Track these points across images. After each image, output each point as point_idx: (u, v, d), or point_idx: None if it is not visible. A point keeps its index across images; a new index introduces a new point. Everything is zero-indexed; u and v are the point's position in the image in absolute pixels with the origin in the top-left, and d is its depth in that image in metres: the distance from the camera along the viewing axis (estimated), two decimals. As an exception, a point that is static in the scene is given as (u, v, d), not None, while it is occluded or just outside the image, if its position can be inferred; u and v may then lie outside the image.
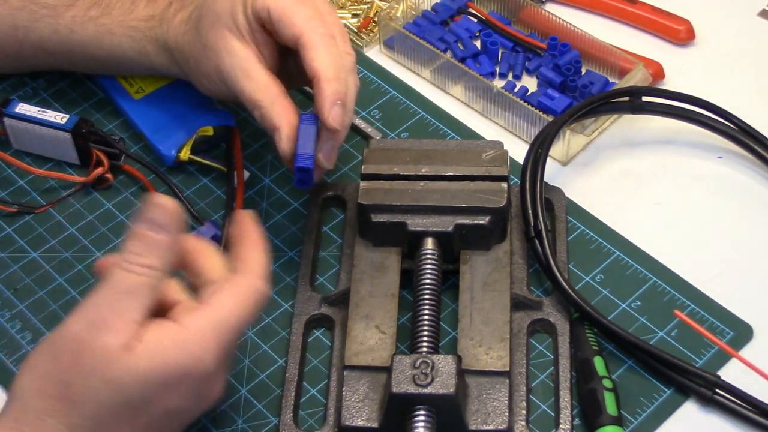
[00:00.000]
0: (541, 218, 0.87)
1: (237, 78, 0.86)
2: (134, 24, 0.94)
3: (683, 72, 1.03)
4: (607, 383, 0.81)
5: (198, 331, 0.70)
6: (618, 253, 0.90)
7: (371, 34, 1.08)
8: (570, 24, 1.03)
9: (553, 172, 0.96)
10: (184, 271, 0.76)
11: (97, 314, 0.69)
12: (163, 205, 0.71)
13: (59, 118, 0.96)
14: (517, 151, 0.95)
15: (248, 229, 0.76)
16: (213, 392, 0.74)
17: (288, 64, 0.90)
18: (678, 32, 1.06)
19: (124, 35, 0.95)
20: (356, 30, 1.08)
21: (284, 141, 0.84)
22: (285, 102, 0.85)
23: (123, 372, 0.68)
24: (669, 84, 1.02)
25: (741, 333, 0.85)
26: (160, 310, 0.72)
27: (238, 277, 0.74)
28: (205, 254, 0.76)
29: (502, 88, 0.99)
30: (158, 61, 0.95)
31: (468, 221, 0.85)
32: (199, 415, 0.75)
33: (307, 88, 0.99)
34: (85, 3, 0.96)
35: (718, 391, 0.81)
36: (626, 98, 0.96)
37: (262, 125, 0.86)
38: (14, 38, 0.98)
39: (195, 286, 0.76)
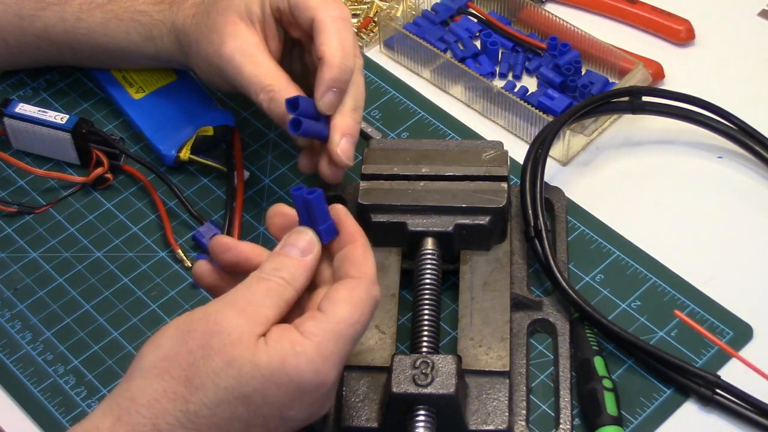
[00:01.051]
0: (541, 218, 0.87)
1: (241, 63, 0.86)
2: (142, 8, 0.95)
3: (683, 72, 1.03)
4: (607, 383, 0.81)
5: (318, 342, 0.68)
6: (618, 253, 0.90)
7: (371, 34, 1.08)
8: (570, 24, 1.03)
9: (553, 172, 0.96)
10: None
11: (234, 300, 0.70)
12: (304, 231, 0.73)
13: (59, 118, 0.96)
14: (517, 151, 0.95)
15: (353, 231, 0.74)
16: (326, 405, 0.72)
17: (293, 64, 0.90)
18: (678, 32, 1.06)
19: (131, 20, 0.95)
20: (356, 30, 1.08)
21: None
22: (297, 88, 0.85)
23: (245, 360, 0.67)
24: (669, 84, 1.02)
25: (741, 333, 0.85)
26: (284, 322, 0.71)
27: (353, 284, 0.71)
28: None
29: (502, 88, 0.99)
30: (163, 46, 0.95)
31: (468, 221, 0.85)
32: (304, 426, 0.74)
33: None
34: None
35: (718, 391, 0.81)
36: (626, 98, 0.96)
37: (269, 112, 0.86)
38: (18, 27, 0.97)
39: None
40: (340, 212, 0.74)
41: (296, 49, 0.92)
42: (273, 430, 0.70)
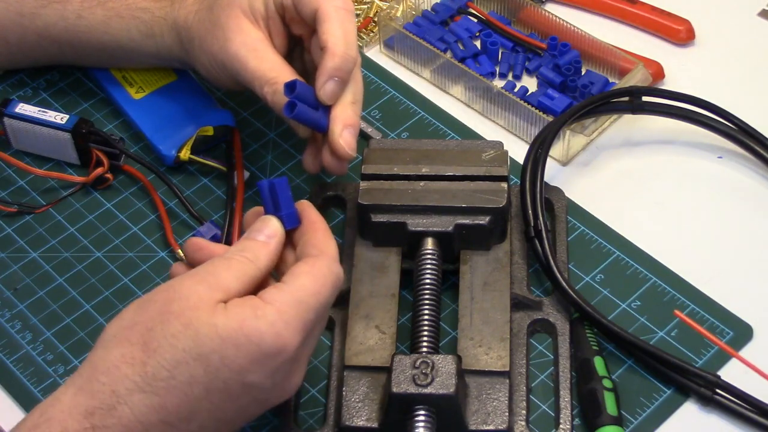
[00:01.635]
0: (541, 218, 0.87)
1: (246, 58, 0.86)
2: (144, 5, 0.95)
3: (683, 72, 1.03)
4: (607, 383, 0.81)
5: (278, 306, 0.70)
6: (618, 253, 0.90)
7: (371, 34, 1.08)
8: (570, 24, 1.03)
9: (553, 172, 0.96)
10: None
11: (195, 272, 0.71)
12: (269, 219, 0.76)
13: (59, 118, 0.96)
14: (517, 151, 0.95)
15: (314, 218, 0.77)
16: (291, 381, 0.73)
17: (293, 63, 0.90)
18: (678, 32, 1.06)
19: (132, 17, 0.95)
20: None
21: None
22: (302, 80, 0.85)
23: (203, 322, 0.68)
24: (669, 84, 1.02)
25: (741, 333, 0.85)
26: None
27: (314, 260, 0.74)
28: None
29: (502, 88, 0.99)
30: (163, 43, 0.95)
31: (468, 221, 0.85)
32: (272, 407, 0.74)
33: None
34: None
35: (718, 391, 0.81)
36: (626, 98, 0.96)
37: (273, 104, 0.86)
38: (19, 25, 0.97)
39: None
40: (303, 203, 0.77)
41: (297, 48, 0.92)
42: (236, 400, 0.70)
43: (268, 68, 0.86)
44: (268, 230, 0.75)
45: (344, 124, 0.85)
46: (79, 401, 0.68)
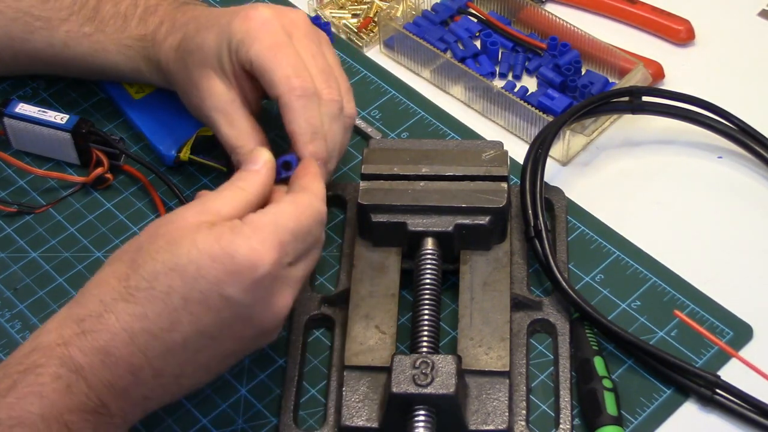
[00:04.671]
0: (541, 218, 0.87)
1: (219, 122, 0.87)
2: (128, 42, 0.95)
3: (683, 72, 1.03)
4: (607, 383, 0.81)
5: (256, 225, 0.73)
6: (618, 253, 0.90)
7: (371, 34, 1.08)
8: (570, 24, 1.03)
9: (553, 172, 0.96)
10: None
11: (189, 203, 0.76)
12: (260, 149, 0.80)
13: (59, 118, 0.96)
14: (517, 151, 0.95)
15: (307, 164, 0.81)
16: (275, 300, 0.74)
17: None
18: (678, 32, 1.06)
19: (118, 53, 0.95)
20: (356, 30, 1.08)
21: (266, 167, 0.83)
22: (266, 148, 0.84)
23: (185, 238, 0.72)
24: (669, 84, 1.02)
25: (741, 333, 0.85)
26: None
27: (297, 194, 0.78)
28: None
29: (502, 88, 0.99)
30: (153, 79, 0.96)
31: (468, 221, 0.85)
32: (251, 352, 0.77)
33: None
34: (79, 18, 0.96)
35: (718, 391, 0.81)
36: (626, 98, 0.96)
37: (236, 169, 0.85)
38: (10, 48, 0.98)
39: None
40: (309, 160, 0.82)
41: None
42: (217, 312, 0.72)
43: (236, 135, 0.86)
44: (259, 160, 0.79)
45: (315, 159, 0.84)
46: (72, 311, 0.73)
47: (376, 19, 1.08)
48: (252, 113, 0.88)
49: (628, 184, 0.96)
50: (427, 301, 0.82)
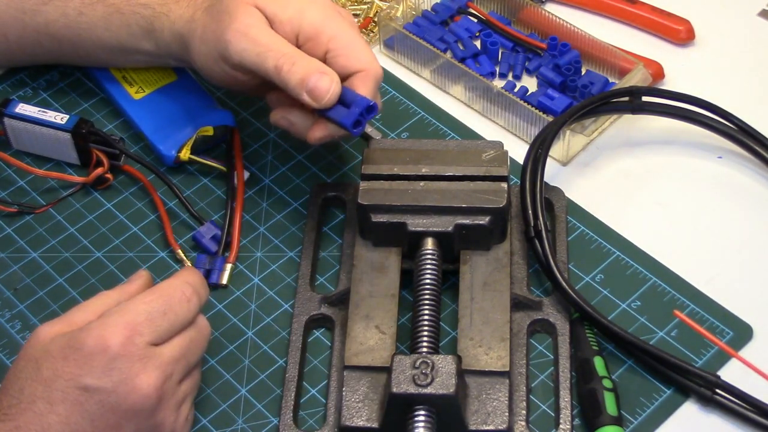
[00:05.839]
0: (541, 218, 0.87)
1: (257, 34, 0.86)
2: (144, 1, 0.95)
3: (683, 72, 1.03)
4: (607, 383, 0.81)
5: (104, 317, 0.75)
6: (618, 253, 0.90)
7: (371, 34, 1.08)
8: (570, 24, 1.03)
9: (553, 172, 0.96)
10: None
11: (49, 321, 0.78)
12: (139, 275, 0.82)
13: (59, 118, 0.96)
14: (517, 151, 0.95)
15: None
16: (136, 379, 0.73)
17: None
18: (678, 32, 1.06)
19: (132, 13, 0.95)
20: (356, 30, 1.08)
21: (336, 84, 0.85)
22: (318, 64, 0.86)
23: (39, 351, 0.74)
24: (669, 84, 1.02)
25: (741, 333, 0.85)
26: None
27: (159, 284, 0.78)
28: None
29: (502, 88, 0.99)
30: (163, 39, 0.94)
31: (468, 221, 0.85)
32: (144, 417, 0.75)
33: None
34: None
35: (718, 391, 0.81)
36: (626, 98, 0.96)
37: (287, 78, 0.85)
38: (20, 21, 0.97)
39: None
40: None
41: None
42: (82, 407, 0.73)
43: (283, 43, 0.86)
44: (135, 278, 0.81)
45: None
46: None
47: (376, 19, 1.08)
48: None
49: (628, 184, 0.96)
50: (427, 301, 0.82)
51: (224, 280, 0.90)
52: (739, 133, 0.95)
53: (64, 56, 1.01)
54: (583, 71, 1.01)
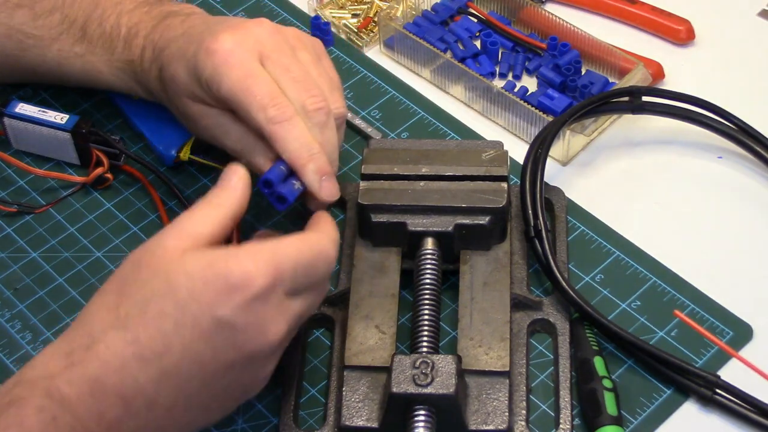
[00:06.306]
0: (541, 218, 0.87)
1: (216, 137, 0.86)
2: (118, 65, 0.94)
3: (683, 72, 1.03)
4: (607, 383, 0.81)
5: (252, 249, 0.71)
6: (618, 253, 0.90)
7: (371, 34, 1.08)
8: (570, 24, 1.03)
9: (553, 172, 0.96)
10: None
11: (164, 229, 0.73)
12: (235, 166, 0.77)
13: (59, 118, 0.96)
14: (517, 151, 0.95)
15: (321, 213, 0.80)
16: (268, 326, 0.71)
17: None
18: (678, 32, 1.06)
19: (111, 74, 0.94)
20: (356, 30, 1.08)
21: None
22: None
23: (173, 266, 0.70)
24: (669, 84, 1.02)
25: (741, 333, 0.85)
26: None
27: (307, 231, 0.77)
28: None
29: (502, 88, 0.99)
30: (149, 98, 0.95)
31: (468, 221, 0.85)
32: (241, 397, 0.75)
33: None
34: (70, 38, 0.95)
35: (718, 391, 0.81)
36: (626, 98, 0.96)
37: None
38: (6, 64, 0.98)
39: None
40: (320, 213, 0.80)
41: None
42: (209, 338, 0.70)
43: (235, 141, 0.85)
44: (234, 175, 0.76)
45: (320, 175, 0.82)
46: (60, 346, 0.71)
47: (376, 19, 1.08)
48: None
49: (628, 184, 0.96)
50: (427, 301, 0.82)
51: (224, 280, 0.90)
52: (739, 133, 0.95)
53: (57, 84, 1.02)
54: (583, 71, 1.01)
